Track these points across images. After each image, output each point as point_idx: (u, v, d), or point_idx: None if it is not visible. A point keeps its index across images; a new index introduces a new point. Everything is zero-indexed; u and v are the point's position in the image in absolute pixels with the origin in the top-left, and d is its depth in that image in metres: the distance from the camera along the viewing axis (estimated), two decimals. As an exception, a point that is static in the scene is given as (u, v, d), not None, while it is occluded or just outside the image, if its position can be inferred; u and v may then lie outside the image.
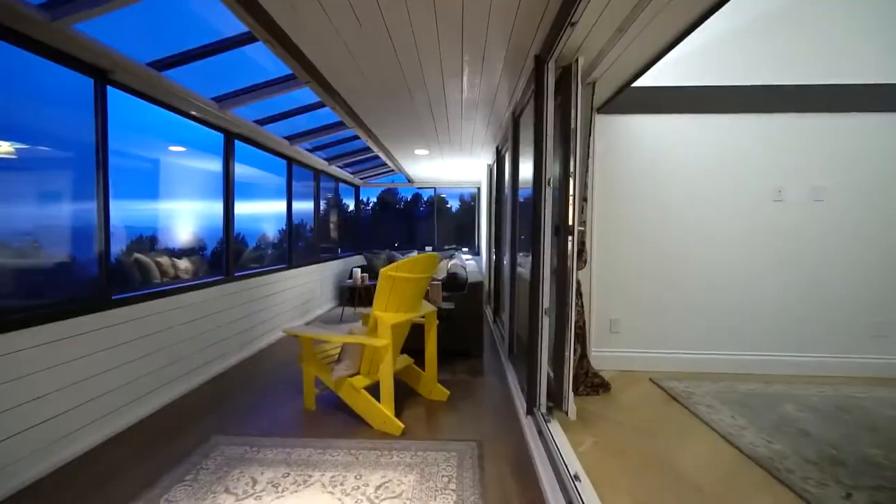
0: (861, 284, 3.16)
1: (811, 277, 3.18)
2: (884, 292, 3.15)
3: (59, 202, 2.79)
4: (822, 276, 3.18)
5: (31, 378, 1.96)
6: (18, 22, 1.87)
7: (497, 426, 2.49)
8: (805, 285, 3.19)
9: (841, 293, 3.17)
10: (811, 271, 3.19)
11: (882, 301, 3.15)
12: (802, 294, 3.19)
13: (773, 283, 3.20)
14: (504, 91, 2.95)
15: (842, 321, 3.17)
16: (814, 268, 3.19)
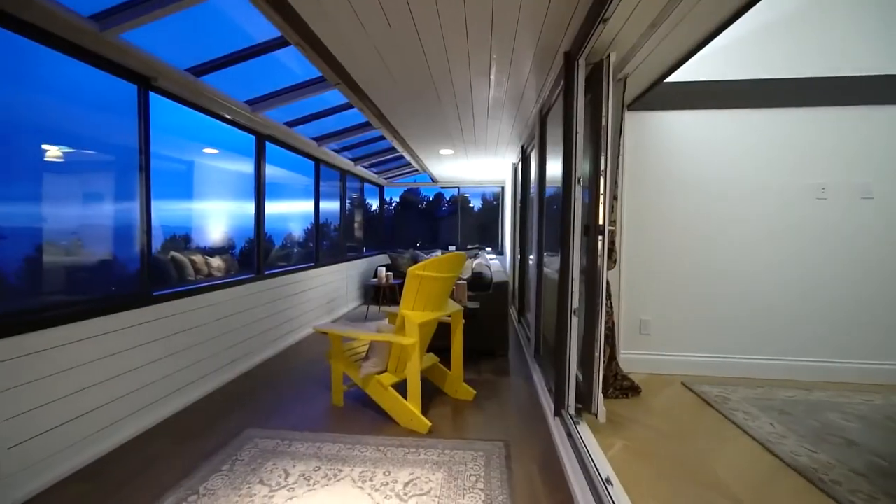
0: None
1: (856, 279, 3.02)
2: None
3: (105, 203, 2.94)
4: (868, 277, 3.01)
5: (80, 369, 2.08)
6: (73, 33, 1.98)
7: (524, 427, 2.47)
8: (850, 287, 3.03)
9: (890, 296, 2.99)
10: (856, 272, 3.02)
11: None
12: (847, 297, 3.03)
13: (815, 284, 3.05)
14: (531, 89, 2.92)
15: (892, 326, 2.99)
16: (859, 269, 3.02)
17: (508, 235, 6.37)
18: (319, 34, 2.17)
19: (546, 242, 3.33)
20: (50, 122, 2.66)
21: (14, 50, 2.03)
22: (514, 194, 5.76)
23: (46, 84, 2.58)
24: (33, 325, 1.87)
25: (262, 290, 3.83)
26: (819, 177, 3.04)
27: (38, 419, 1.88)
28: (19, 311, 1.94)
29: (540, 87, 2.88)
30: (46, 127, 2.65)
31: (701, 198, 3.14)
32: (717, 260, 3.13)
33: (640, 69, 2.42)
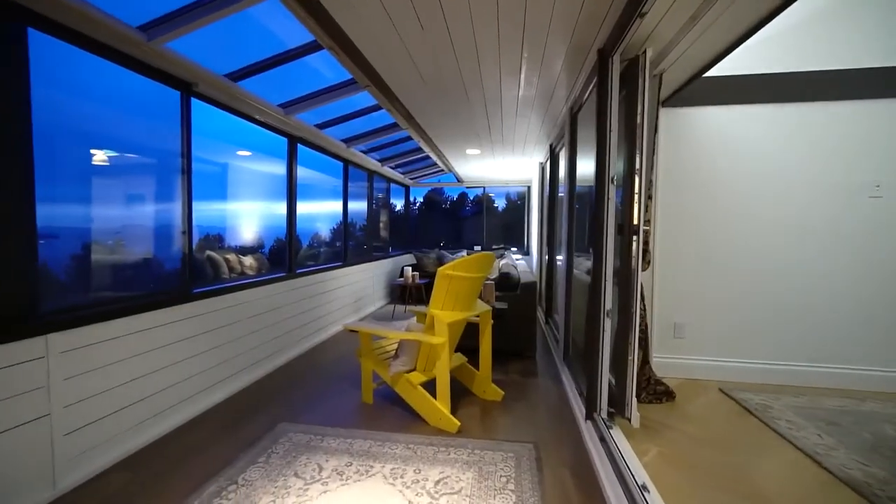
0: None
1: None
2: None
3: (148, 204, 3.09)
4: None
5: (127, 362, 2.19)
6: (123, 43, 2.09)
7: (554, 429, 2.44)
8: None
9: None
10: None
11: None
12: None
13: (865, 287, 2.88)
14: (562, 87, 2.88)
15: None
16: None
17: (535, 235, 6.30)
18: (353, 37, 2.21)
19: (576, 243, 3.28)
20: (98, 128, 2.82)
21: (68, 60, 2.15)
22: (541, 194, 5.70)
23: (96, 92, 2.73)
24: (87, 319, 1.98)
25: (293, 289, 3.93)
26: (871, 174, 2.87)
27: (91, 408, 1.99)
28: (74, 306, 2.07)
29: (571, 85, 2.84)
30: (95, 132, 2.81)
31: (737, 196, 3.02)
32: (756, 260, 3.00)
33: (677, 64, 2.34)
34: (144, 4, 2.33)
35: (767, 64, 2.95)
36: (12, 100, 1.70)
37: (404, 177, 7.38)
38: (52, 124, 2.07)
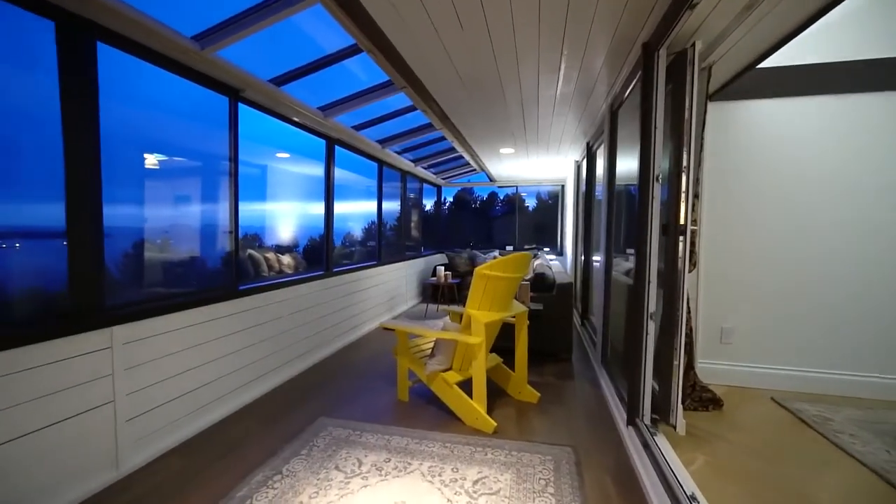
0: None
1: None
2: None
3: (197, 205, 3.25)
4: None
5: (180, 354, 2.31)
6: (178, 53, 2.21)
7: (592, 433, 2.39)
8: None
9: None
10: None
11: None
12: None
13: (941, 294, 2.64)
14: (602, 83, 2.81)
15: None
16: None
17: (569, 235, 6.18)
18: (393, 40, 2.24)
19: (615, 243, 3.19)
20: (150, 133, 2.99)
21: (125, 69, 2.29)
22: (576, 193, 5.58)
23: (149, 98, 2.90)
24: (145, 313, 2.11)
25: (330, 287, 4.04)
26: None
27: (149, 397, 2.12)
28: (134, 301, 2.21)
29: (612, 80, 2.76)
30: (148, 137, 2.98)
31: (790, 194, 2.84)
32: (811, 263, 2.82)
33: (728, 57, 2.24)
34: (197, 14, 2.46)
35: (822, 53, 2.76)
36: (85, 110, 1.83)
37: (436, 177, 7.42)
38: (110, 130, 2.21)
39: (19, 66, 2.05)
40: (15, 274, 2.08)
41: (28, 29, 1.80)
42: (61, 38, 1.76)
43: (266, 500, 1.78)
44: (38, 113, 1.90)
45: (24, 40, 1.91)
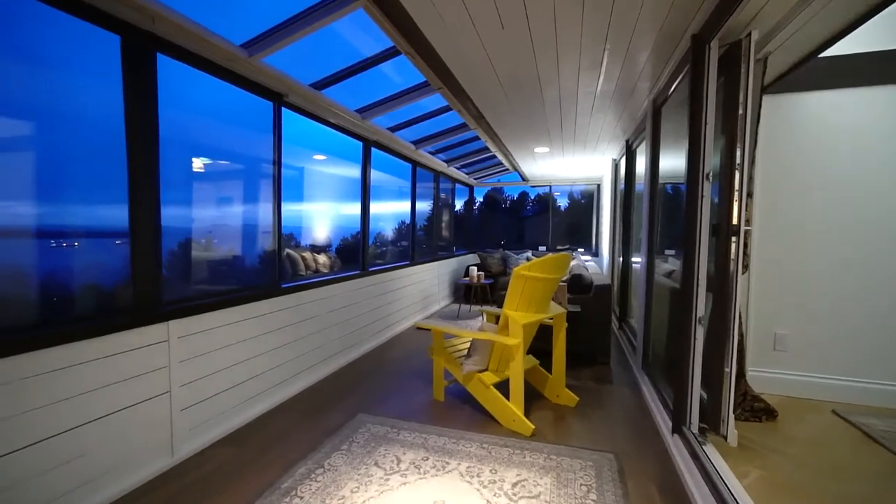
0: None
1: None
2: None
3: (244, 206, 3.39)
4: None
5: (228, 349, 2.42)
6: (228, 60, 2.31)
7: (634, 440, 2.31)
8: None
9: None
10: None
11: None
12: None
13: None
14: (646, 79, 2.72)
15: None
16: None
17: (606, 236, 6.01)
18: (432, 41, 2.25)
19: (658, 244, 3.08)
20: (199, 138, 3.15)
21: (176, 76, 2.41)
22: (613, 192, 5.43)
23: (198, 105, 3.05)
24: (197, 309, 2.22)
25: (366, 286, 4.11)
26: None
27: (201, 389, 2.23)
28: (187, 297, 2.33)
29: (656, 76, 2.67)
30: (196, 142, 3.13)
31: (853, 193, 2.63)
32: (874, 265, 2.60)
33: (786, 47, 2.11)
34: (245, 22, 2.57)
35: (888, 40, 2.54)
36: (147, 117, 1.95)
37: (468, 177, 7.42)
38: (164, 135, 2.33)
39: (90, 78, 2.21)
40: (83, 270, 2.24)
41: (96, 42, 1.93)
42: (126, 51, 1.89)
43: (310, 492, 1.83)
44: (104, 121, 2.04)
45: (93, 54, 2.06)
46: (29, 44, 1.91)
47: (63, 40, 1.99)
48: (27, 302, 1.91)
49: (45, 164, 2.04)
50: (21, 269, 1.96)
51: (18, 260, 1.95)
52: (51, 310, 2.00)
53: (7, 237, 1.86)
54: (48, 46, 1.99)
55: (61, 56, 2.11)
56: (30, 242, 2.00)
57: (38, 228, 2.01)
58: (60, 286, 2.18)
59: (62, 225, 2.13)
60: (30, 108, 1.95)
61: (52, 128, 2.06)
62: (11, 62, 1.87)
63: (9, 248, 1.89)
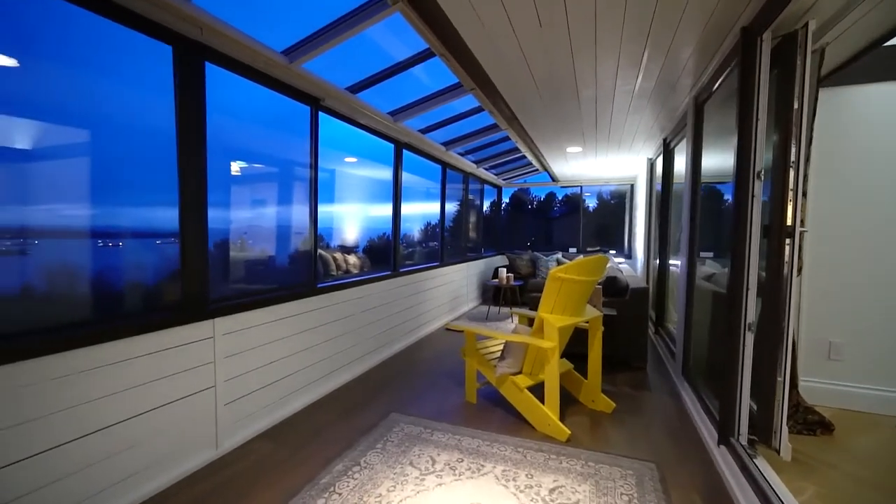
0: None
1: None
2: None
3: (282, 208, 3.50)
4: None
5: (267, 346, 2.49)
6: (270, 67, 2.39)
7: (676, 449, 2.22)
8: None
9: None
10: None
11: None
12: None
13: None
14: (688, 75, 2.62)
15: None
16: None
17: (640, 237, 5.84)
18: (468, 42, 2.25)
19: (700, 246, 2.96)
20: (240, 142, 3.25)
21: (221, 82, 2.51)
22: (649, 192, 5.26)
23: (239, 110, 3.16)
24: (240, 307, 2.30)
25: (397, 287, 4.15)
26: None
27: (243, 384, 2.31)
28: (230, 295, 2.42)
29: (699, 72, 2.57)
30: (237, 146, 3.24)
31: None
32: (951, 272, 2.41)
33: (846, 36, 1.98)
34: (285, 28, 2.64)
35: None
36: (196, 124, 2.04)
37: (497, 177, 7.38)
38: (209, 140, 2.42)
39: (144, 87, 2.33)
40: (133, 269, 2.37)
41: (150, 53, 2.03)
42: (177, 61, 1.98)
43: (348, 488, 1.86)
44: (158, 128, 2.14)
45: (146, 64, 2.17)
46: (90, 55, 2.03)
47: (119, 51, 2.11)
48: (85, 299, 2.03)
49: (99, 169, 2.16)
50: (79, 268, 2.09)
51: (76, 260, 2.08)
52: (106, 307, 2.12)
53: (65, 237, 1.99)
54: (106, 57, 2.11)
55: (116, 66, 2.23)
56: (85, 243, 2.12)
57: (92, 229, 2.13)
58: (114, 284, 2.30)
59: (113, 226, 2.25)
60: (87, 116, 2.07)
61: (107, 135, 2.18)
62: (71, 72, 1.99)
63: (68, 248, 2.01)
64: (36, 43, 1.84)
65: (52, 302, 1.82)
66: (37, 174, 1.85)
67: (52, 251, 1.92)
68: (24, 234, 1.80)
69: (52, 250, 1.92)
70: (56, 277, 1.91)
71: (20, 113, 1.79)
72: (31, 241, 1.82)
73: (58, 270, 1.95)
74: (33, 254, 1.83)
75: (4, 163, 1.75)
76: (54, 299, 1.85)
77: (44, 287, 1.89)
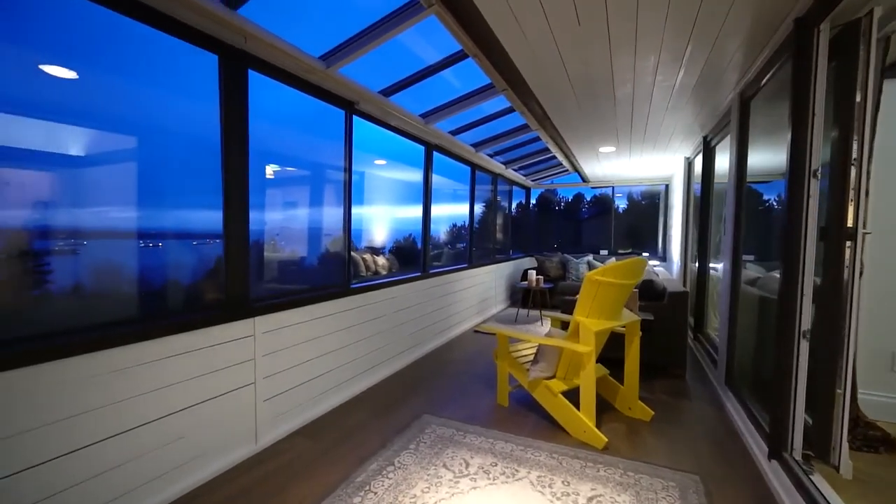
0: None
1: None
2: None
3: (316, 210, 3.57)
4: None
5: (303, 346, 2.55)
6: (308, 72, 2.45)
7: (721, 462, 2.12)
8: None
9: None
10: None
11: None
12: None
13: None
14: (734, 70, 2.51)
15: None
16: None
17: (677, 239, 5.63)
18: (503, 41, 2.23)
19: (745, 248, 2.82)
20: (276, 146, 3.34)
21: (260, 88, 2.58)
22: (686, 193, 5.07)
23: (278, 114, 3.24)
24: (278, 306, 2.36)
25: (427, 288, 4.16)
26: None
27: (280, 382, 2.37)
28: (268, 295, 2.48)
29: (746, 66, 2.45)
30: (274, 151, 3.33)
31: None
32: None
33: (914, 23, 1.84)
34: (321, 32, 2.70)
35: None
36: (239, 130, 2.11)
37: (526, 178, 7.30)
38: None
39: (189, 95, 2.44)
40: (182, 269, 2.47)
41: (197, 62, 2.12)
42: (223, 69, 2.05)
43: (383, 488, 1.87)
44: (201, 134, 2.23)
45: (193, 72, 2.27)
46: (141, 65, 2.13)
47: (167, 61, 2.21)
48: (133, 298, 2.13)
49: (146, 173, 2.26)
50: (128, 268, 2.19)
51: (125, 260, 2.18)
52: (153, 305, 2.22)
53: (115, 238, 2.08)
54: (155, 67, 2.21)
55: (165, 75, 2.34)
56: (132, 243, 2.22)
57: (139, 230, 2.23)
58: (161, 283, 2.41)
59: (157, 227, 2.36)
60: (135, 123, 2.17)
61: (154, 140, 2.29)
62: (122, 81, 2.09)
63: (117, 248, 2.12)
64: (94, 55, 1.96)
65: (104, 300, 1.93)
66: (89, 179, 1.96)
67: (105, 251, 2.03)
68: (77, 235, 1.90)
69: (104, 250, 2.02)
70: (108, 277, 2.02)
71: (76, 122, 1.91)
72: (84, 241, 1.92)
73: (110, 270, 2.06)
74: (89, 254, 1.93)
75: (61, 168, 1.87)
76: (106, 297, 1.95)
77: (96, 285, 1.99)
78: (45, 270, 1.78)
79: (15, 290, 1.62)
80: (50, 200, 1.81)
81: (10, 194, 1.68)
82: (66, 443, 1.49)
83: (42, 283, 1.77)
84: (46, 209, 1.78)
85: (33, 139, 1.77)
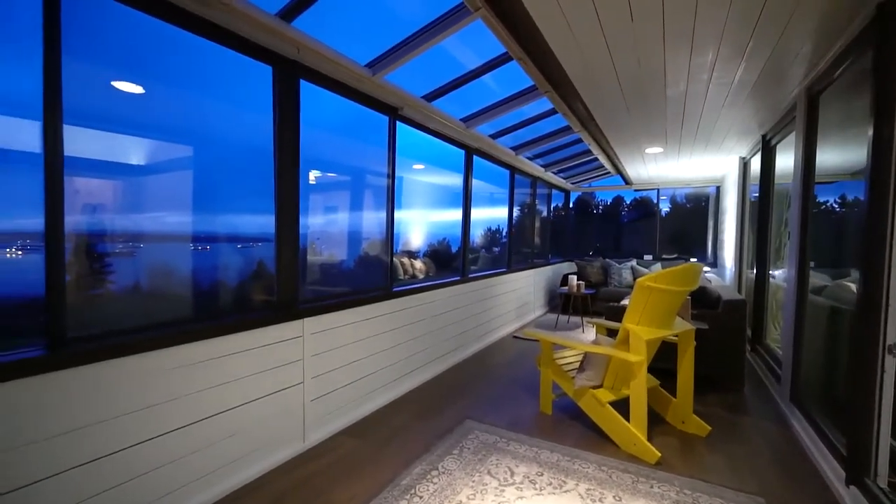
0: None
1: None
2: None
3: (361, 214, 3.65)
4: None
5: (349, 347, 2.60)
6: (355, 80, 2.51)
7: (790, 485, 1.96)
8: None
9: None
10: None
11: None
12: None
13: None
14: (801, 64, 2.34)
15: None
16: None
17: (730, 244, 5.31)
18: (551, 42, 2.19)
19: (814, 255, 2.61)
20: (322, 152, 3.43)
21: (309, 96, 2.66)
22: (741, 195, 4.78)
23: (325, 121, 3.34)
24: (325, 308, 2.42)
25: (466, 292, 4.15)
26: None
27: (327, 382, 2.43)
28: (316, 297, 2.56)
29: (815, 60, 2.28)
30: (319, 157, 3.42)
31: None
32: None
33: None
34: (367, 40, 2.76)
35: None
36: (292, 138, 2.19)
37: (566, 181, 7.14)
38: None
39: (243, 105, 2.56)
40: (235, 271, 2.59)
41: (252, 74, 2.22)
42: (276, 80, 2.15)
43: (428, 492, 1.86)
44: (255, 143, 2.34)
45: (249, 83, 2.38)
46: (200, 78, 2.26)
47: (224, 73, 2.33)
48: (189, 299, 2.25)
49: (201, 180, 2.39)
50: (186, 270, 2.32)
51: (184, 263, 2.31)
52: (208, 306, 2.34)
53: (171, 241, 2.20)
54: (213, 79, 2.34)
55: (221, 87, 2.47)
56: (187, 247, 2.34)
57: (194, 234, 2.35)
58: (215, 285, 2.53)
59: (210, 231, 2.48)
60: (192, 133, 2.29)
61: (211, 150, 2.42)
62: (182, 94, 2.22)
63: (172, 251, 2.24)
64: (160, 70, 2.09)
65: (165, 300, 2.05)
66: (148, 186, 2.09)
67: (164, 254, 2.16)
68: (137, 238, 2.02)
69: (163, 253, 2.15)
70: (166, 279, 2.14)
71: (140, 133, 2.04)
72: (144, 244, 2.04)
73: (169, 273, 2.19)
74: (149, 256, 2.06)
75: (124, 177, 2.00)
76: (166, 299, 2.07)
77: (156, 287, 2.12)
78: (107, 271, 1.91)
79: (84, 290, 1.75)
80: (111, 206, 1.95)
81: (79, 201, 1.82)
82: (135, 434, 1.58)
83: (104, 282, 1.89)
84: (107, 214, 1.91)
85: (99, 150, 1.90)
